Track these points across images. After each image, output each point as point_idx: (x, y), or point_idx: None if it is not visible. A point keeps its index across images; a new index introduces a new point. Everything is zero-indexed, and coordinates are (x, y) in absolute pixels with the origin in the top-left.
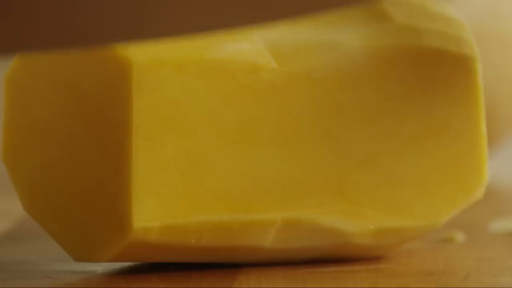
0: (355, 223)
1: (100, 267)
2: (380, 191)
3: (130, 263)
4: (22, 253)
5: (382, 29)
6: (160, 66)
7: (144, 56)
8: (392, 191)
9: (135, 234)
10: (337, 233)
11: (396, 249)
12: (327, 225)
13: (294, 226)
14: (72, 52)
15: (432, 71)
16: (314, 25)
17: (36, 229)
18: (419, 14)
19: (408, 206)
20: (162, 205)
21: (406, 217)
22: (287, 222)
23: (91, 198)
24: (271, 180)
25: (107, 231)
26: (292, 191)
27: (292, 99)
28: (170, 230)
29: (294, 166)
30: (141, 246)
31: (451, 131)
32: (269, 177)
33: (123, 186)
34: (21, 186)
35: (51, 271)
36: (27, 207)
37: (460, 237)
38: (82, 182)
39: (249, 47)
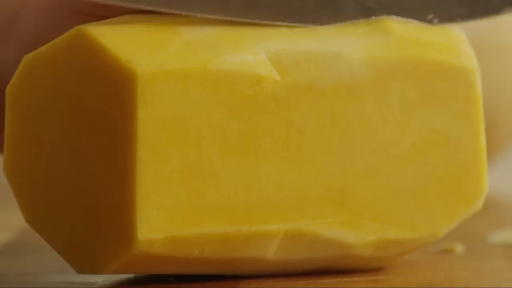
0: (356, 235)
1: (100, 279)
2: (381, 203)
3: (130, 275)
4: (22, 265)
5: (383, 41)
6: (164, 77)
7: (148, 67)
8: (393, 203)
9: (139, 246)
10: (338, 245)
11: (396, 260)
12: (329, 236)
13: (296, 237)
14: (74, 65)
15: (432, 83)
16: (315, 37)
17: (36, 241)
18: (418, 28)
19: (409, 217)
20: (166, 217)
21: (406, 228)
22: (290, 234)
23: (94, 210)
24: (274, 192)
25: (111, 242)
26: (294, 202)
27: (294, 111)
28: (173, 242)
29: (296, 178)
30: (144, 258)
31: (451, 143)
32: (271, 188)
33: (128, 198)
34: (23, 198)
35: (51, 283)
36: (29, 219)
37: (459, 248)
38: (85, 194)
39: (252, 58)
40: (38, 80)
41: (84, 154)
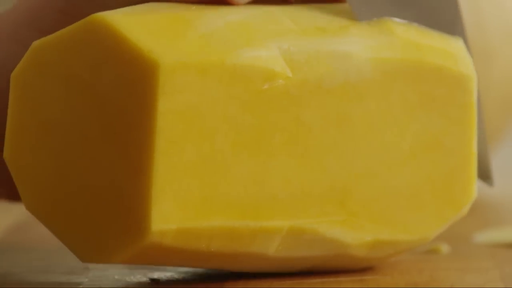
0: (353, 235)
1: (86, 279)
2: (378, 204)
3: (115, 275)
4: (8, 265)
5: (387, 42)
6: (184, 69)
7: (169, 58)
8: (389, 204)
9: (152, 237)
10: (336, 244)
11: (385, 261)
12: (328, 235)
13: (298, 235)
14: (89, 53)
15: (431, 87)
16: (323, 35)
17: (21, 241)
18: (419, 31)
19: (402, 219)
20: (179, 208)
21: (399, 230)
22: (292, 231)
23: (105, 199)
24: (280, 188)
25: (122, 232)
26: (299, 199)
27: (304, 108)
28: (184, 234)
29: (302, 175)
30: (155, 249)
31: (444, 148)
32: (278, 184)
33: (143, 188)
34: (25, 186)
35: (37, 283)
36: (30, 207)
37: (444, 248)
38: (96, 183)
39: (265, 54)
40: (47, 67)
41: (96, 143)
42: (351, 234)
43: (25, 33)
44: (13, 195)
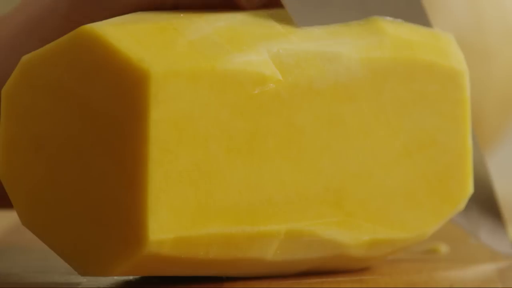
0: (351, 235)
1: (85, 279)
2: (374, 203)
3: (115, 277)
4: (6, 266)
5: (377, 41)
6: (176, 77)
7: (160, 67)
8: (385, 203)
9: (150, 247)
10: (334, 245)
11: (383, 259)
12: (326, 236)
13: (296, 238)
14: (79, 65)
15: (423, 84)
16: (311, 38)
17: (20, 241)
18: (410, 29)
19: (399, 217)
20: (176, 217)
21: (397, 229)
22: (289, 234)
23: (101, 211)
24: (275, 192)
25: (120, 244)
26: (294, 202)
27: (295, 110)
28: (181, 243)
29: (296, 178)
30: (153, 259)
31: (438, 144)
32: (273, 188)
33: (139, 198)
34: (20, 201)
35: (36, 283)
36: (26, 222)
37: (443, 248)
38: (91, 196)
39: (256, 58)
40: (37, 81)
41: (90, 155)
42: (349, 234)
43: (25, 42)
44: (5, 204)
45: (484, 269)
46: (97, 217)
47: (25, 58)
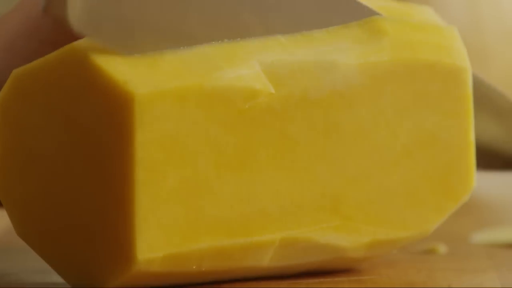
0: (349, 238)
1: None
2: (373, 205)
3: None
4: (4, 266)
5: (376, 44)
6: (161, 97)
7: (145, 88)
8: (385, 204)
9: (138, 266)
10: (332, 249)
11: (384, 257)
12: (323, 241)
13: (291, 245)
14: (67, 83)
15: (424, 84)
16: (309, 44)
17: (18, 241)
18: (412, 27)
19: (400, 217)
20: (165, 236)
21: (398, 228)
22: (285, 242)
23: (90, 228)
24: (269, 202)
25: (109, 262)
26: (289, 211)
27: (288, 122)
28: (172, 259)
29: (291, 187)
30: (143, 276)
31: (440, 141)
32: (267, 199)
33: (126, 218)
34: (14, 213)
35: (34, 283)
36: (21, 233)
37: (442, 248)
38: (80, 212)
39: (246, 72)
40: (28, 95)
41: (79, 172)
42: (347, 238)
43: (23, 44)
44: None
45: (483, 269)
46: (87, 233)
47: (16, 71)
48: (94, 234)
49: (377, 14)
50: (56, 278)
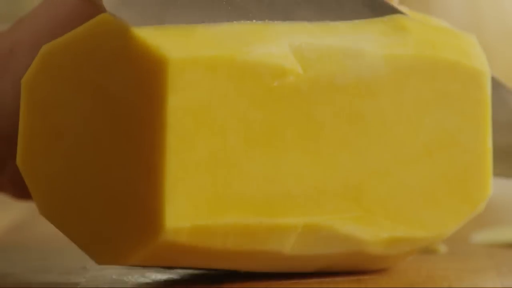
0: (369, 231)
1: (84, 279)
2: (393, 201)
3: (113, 276)
4: (5, 265)
5: (401, 39)
6: (194, 65)
7: (178, 53)
8: (404, 201)
9: (166, 235)
10: (352, 241)
11: (402, 260)
12: (344, 232)
13: (314, 232)
14: (99, 53)
15: (445, 83)
16: (336, 33)
17: (18, 241)
18: (433, 29)
19: (419, 216)
20: (193, 206)
21: (416, 227)
22: (307, 228)
23: (119, 199)
24: (293, 185)
25: (137, 232)
26: (312, 196)
27: (315, 105)
28: (198, 232)
29: (314, 171)
30: (170, 247)
31: (459, 144)
32: (291, 181)
33: (156, 186)
34: (38, 191)
35: (34, 283)
36: (44, 211)
37: (442, 248)
38: (109, 184)
39: (276, 50)
40: (57, 70)
41: (108, 144)
42: (367, 231)
43: (48, 42)
44: (19, 195)
45: (483, 269)
46: (115, 205)
47: (45, 47)
48: (122, 206)
49: (401, 12)
50: (57, 277)
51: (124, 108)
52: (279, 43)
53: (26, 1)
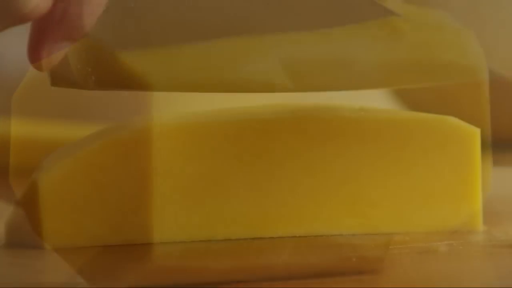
0: (367, 237)
1: (82, 279)
2: (390, 204)
3: None
4: (3, 266)
5: (395, 43)
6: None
7: (161, 76)
8: (402, 203)
9: (156, 259)
10: (349, 247)
11: (400, 259)
12: (340, 240)
13: (308, 242)
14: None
15: (442, 83)
16: (327, 40)
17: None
18: (429, 27)
19: (417, 217)
20: (184, 225)
21: (414, 228)
22: (302, 239)
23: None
24: (287, 199)
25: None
26: (306, 208)
27: (306, 121)
28: (189, 253)
29: (308, 184)
30: (161, 270)
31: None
32: (284, 196)
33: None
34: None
35: (35, 283)
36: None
37: (442, 248)
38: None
39: (265, 66)
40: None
41: None
42: (365, 237)
43: None
44: None
45: (483, 269)
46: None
47: None
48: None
49: (394, 14)
50: (58, 277)
51: None
52: (267, 58)
53: None
